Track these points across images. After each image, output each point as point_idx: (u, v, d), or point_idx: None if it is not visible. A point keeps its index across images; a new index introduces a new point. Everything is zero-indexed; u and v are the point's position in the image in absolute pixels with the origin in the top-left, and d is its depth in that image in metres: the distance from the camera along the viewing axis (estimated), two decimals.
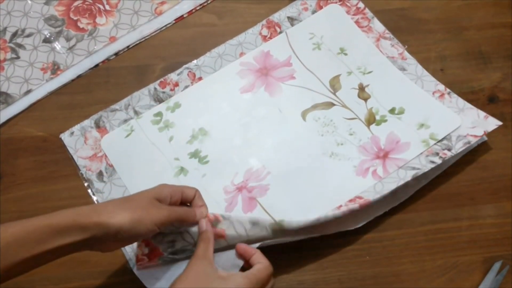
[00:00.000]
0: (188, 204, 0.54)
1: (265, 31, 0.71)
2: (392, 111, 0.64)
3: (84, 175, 0.61)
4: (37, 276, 0.57)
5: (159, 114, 0.65)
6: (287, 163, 0.62)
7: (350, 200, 0.57)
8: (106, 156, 0.62)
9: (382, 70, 0.67)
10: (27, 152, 0.63)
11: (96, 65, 0.69)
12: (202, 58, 0.68)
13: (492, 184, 0.62)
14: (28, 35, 0.70)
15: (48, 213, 0.44)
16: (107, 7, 0.72)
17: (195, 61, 0.68)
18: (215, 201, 0.59)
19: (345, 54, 0.68)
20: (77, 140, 0.63)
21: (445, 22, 0.72)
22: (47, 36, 0.70)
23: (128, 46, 0.70)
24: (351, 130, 0.63)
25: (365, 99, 0.65)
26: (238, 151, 0.63)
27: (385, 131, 0.63)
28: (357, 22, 0.71)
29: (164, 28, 0.71)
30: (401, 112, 0.64)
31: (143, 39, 0.71)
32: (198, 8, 0.73)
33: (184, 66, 0.68)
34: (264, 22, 0.71)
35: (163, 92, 0.66)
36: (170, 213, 0.48)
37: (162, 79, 0.67)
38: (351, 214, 0.56)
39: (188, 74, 0.67)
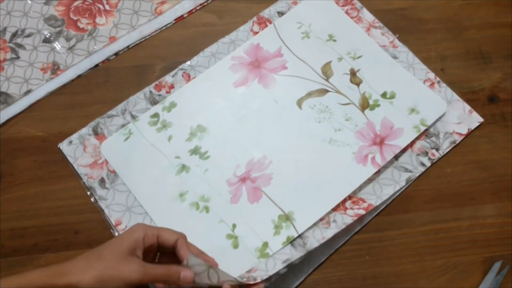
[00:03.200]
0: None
1: (256, 28, 0.71)
2: (384, 95, 0.65)
3: (86, 183, 0.61)
4: None
5: (155, 115, 0.65)
6: (288, 151, 0.62)
7: (354, 202, 0.59)
8: (106, 162, 0.62)
9: (372, 54, 0.68)
10: (26, 152, 0.63)
11: (96, 65, 0.69)
12: (196, 58, 0.68)
13: (492, 184, 0.62)
14: (28, 35, 0.70)
15: (23, 272, 0.43)
16: (107, 7, 0.72)
17: (188, 62, 0.68)
18: (219, 194, 0.60)
19: (334, 41, 0.69)
20: (76, 149, 0.63)
21: (445, 22, 0.72)
22: (47, 36, 0.70)
23: (128, 46, 0.70)
24: (346, 116, 0.64)
25: (357, 84, 0.66)
26: (238, 144, 0.63)
27: (379, 116, 0.64)
28: (346, 12, 0.71)
29: (164, 28, 0.71)
30: (392, 96, 0.65)
31: (143, 39, 0.71)
32: (198, 8, 0.73)
33: (179, 67, 0.68)
34: (255, 18, 0.71)
35: (159, 95, 0.66)
36: (144, 274, 0.44)
37: (157, 82, 0.67)
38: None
39: (182, 75, 0.67)
